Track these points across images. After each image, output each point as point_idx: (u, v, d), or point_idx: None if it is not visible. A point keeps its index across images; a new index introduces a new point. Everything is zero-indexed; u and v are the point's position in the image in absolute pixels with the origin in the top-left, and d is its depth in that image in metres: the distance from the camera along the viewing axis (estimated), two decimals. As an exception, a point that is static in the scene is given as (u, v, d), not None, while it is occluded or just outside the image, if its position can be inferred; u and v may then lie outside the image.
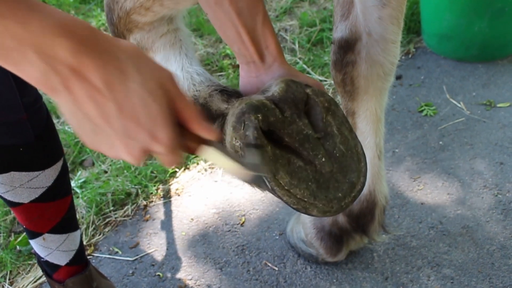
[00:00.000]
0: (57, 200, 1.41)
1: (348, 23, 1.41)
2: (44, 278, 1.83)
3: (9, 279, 1.89)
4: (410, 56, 2.75)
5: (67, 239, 1.47)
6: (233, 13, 0.97)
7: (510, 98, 2.40)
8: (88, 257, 1.87)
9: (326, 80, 2.60)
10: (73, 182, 2.20)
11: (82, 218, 2.07)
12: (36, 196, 1.36)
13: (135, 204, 2.12)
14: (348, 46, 1.42)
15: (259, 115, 0.92)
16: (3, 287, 1.87)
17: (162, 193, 2.16)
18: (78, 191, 2.16)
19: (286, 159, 0.93)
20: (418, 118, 2.36)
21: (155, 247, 1.94)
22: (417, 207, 1.96)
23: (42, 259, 1.49)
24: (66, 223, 1.46)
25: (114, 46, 0.67)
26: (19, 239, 1.98)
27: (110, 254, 1.94)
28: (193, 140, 0.76)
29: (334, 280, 1.75)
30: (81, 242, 1.53)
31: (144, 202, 2.12)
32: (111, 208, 2.10)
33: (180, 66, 1.23)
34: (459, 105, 2.41)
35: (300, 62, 2.72)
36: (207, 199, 2.11)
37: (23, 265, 1.93)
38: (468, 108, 2.38)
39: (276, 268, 1.81)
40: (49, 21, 0.61)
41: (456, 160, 2.14)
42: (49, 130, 1.35)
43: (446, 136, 2.25)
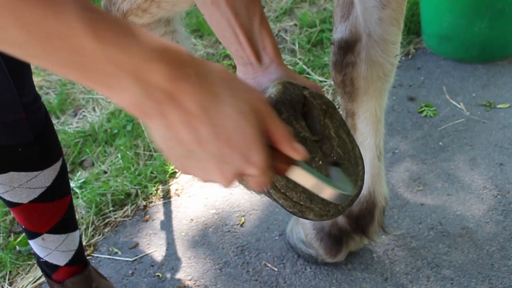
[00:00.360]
0: (56, 200, 1.40)
1: (348, 24, 1.41)
2: (43, 279, 1.83)
3: (8, 280, 1.89)
4: (410, 57, 2.75)
5: (67, 239, 1.47)
6: (230, 13, 0.97)
7: (510, 99, 2.40)
8: (88, 257, 1.87)
9: (326, 81, 2.60)
10: (72, 182, 2.20)
11: (82, 218, 2.07)
12: (35, 196, 1.36)
13: (135, 204, 2.12)
14: (348, 47, 1.42)
15: None
16: (3, 287, 1.87)
17: (162, 193, 2.16)
18: (78, 191, 2.16)
19: None
20: (418, 119, 2.36)
21: (155, 248, 1.94)
22: (416, 208, 1.96)
23: (42, 259, 1.49)
24: (66, 223, 1.46)
25: (207, 70, 0.66)
26: (19, 239, 1.98)
27: (109, 255, 1.94)
28: (281, 160, 0.75)
29: (334, 281, 1.75)
30: (80, 242, 1.53)
31: (144, 203, 2.12)
32: (111, 208, 2.10)
33: None
34: (459, 106, 2.41)
35: (300, 63, 2.72)
36: (206, 199, 2.11)
37: (22, 265, 1.93)
38: (468, 109, 2.38)
39: (276, 269, 1.81)
40: (147, 47, 0.61)
41: (456, 161, 2.13)
42: (48, 130, 1.34)
43: (446, 137, 2.25)
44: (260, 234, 1.94)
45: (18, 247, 1.98)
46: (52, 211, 1.41)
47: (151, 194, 2.15)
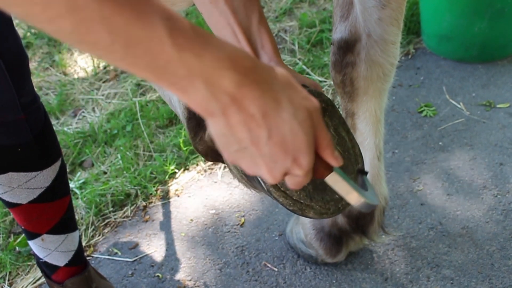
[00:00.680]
0: (55, 201, 1.40)
1: (348, 24, 1.41)
2: (43, 279, 1.83)
3: (8, 280, 1.89)
4: (409, 57, 2.75)
5: (66, 239, 1.47)
6: (228, 12, 0.97)
7: (510, 99, 2.40)
8: (88, 258, 1.87)
9: (325, 81, 2.60)
10: (72, 183, 2.20)
11: (82, 219, 2.07)
12: (35, 196, 1.36)
13: (135, 205, 2.12)
14: (348, 47, 1.42)
15: None
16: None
17: (162, 194, 2.16)
18: (78, 192, 2.15)
19: None
20: (418, 119, 2.36)
21: (155, 248, 1.94)
22: (416, 208, 1.96)
23: (41, 260, 1.49)
24: (65, 224, 1.46)
25: (271, 76, 0.71)
26: (19, 240, 1.97)
27: (109, 255, 1.94)
28: (320, 164, 0.80)
29: (334, 281, 1.75)
30: (80, 242, 1.53)
31: (144, 203, 2.12)
32: (111, 209, 2.10)
33: None
34: (459, 105, 2.41)
35: (300, 63, 2.72)
36: (206, 200, 2.11)
37: (22, 266, 1.93)
38: (467, 109, 2.38)
39: (276, 269, 1.81)
40: (220, 54, 0.66)
41: (456, 161, 2.13)
42: (47, 130, 1.34)
43: (446, 137, 2.25)
44: (260, 234, 1.94)
45: (17, 248, 1.98)
46: (52, 212, 1.41)
47: (151, 194, 2.15)
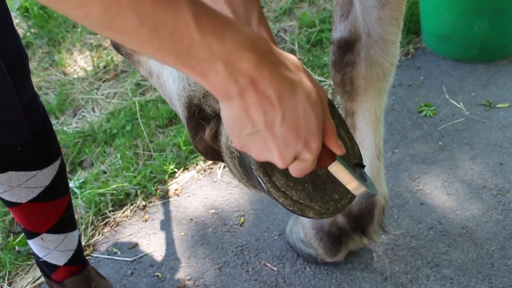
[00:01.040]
0: (55, 200, 1.40)
1: (348, 23, 1.41)
2: (43, 279, 1.83)
3: (8, 280, 1.89)
4: (409, 56, 2.75)
5: (65, 239, 1.47)
6: (228, 11, 0.97)
7: (510, 99, 2.40)
8: (87, 257, 1.87)
9: (325, 81, 2.60)
10: (72, 182, 2.20)
11: (81, 218, 2.07)
12: (34, 195, 1.36)
13: (134, 204, 2.12)
14: (348, 46, 1.42)
15: None
16: (2, 287, 1.87)
17: (161, 193, 2.16)
18: (77, 191, 2.15)
19: None
20: (418, 119, 2.36)
21: (154, 248, 1.94)
22: (416, 207, 1.96)
23: (41, 259, 1.49)
24: (64, 223, 1.46)
25: (287, 60, 0.74)
26: (18, 239, 1.97)
27: (109, 255, 1.94)
28: (324, 153, 0.82)
29: (333, 281, 1.75)
30: (79, 242, 1.53)
31: (143, 203, 2.12)
32: (110, 208, 2.10)
33: None
34: (459, 105, 2.41)
35: (300, 63, 2.71)
36: (206, 199, 2.11)
37: (22, 265, 1.93)
38: (467, 109, 2.38)
39: (275, 269, 1.81)
40: (240, 36, 0.68)
41: (456, 161, 2.13)
42: (46, 129, 1.34)
43: (446, 137, 2.25)
44: (260, 233, 1.94)
45: (17, 247, 1.98)
46: (51, 211, 1.41)
47: (151, 194, 2.15)
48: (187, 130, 1.18)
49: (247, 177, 1.00)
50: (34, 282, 1.86)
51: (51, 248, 1.46)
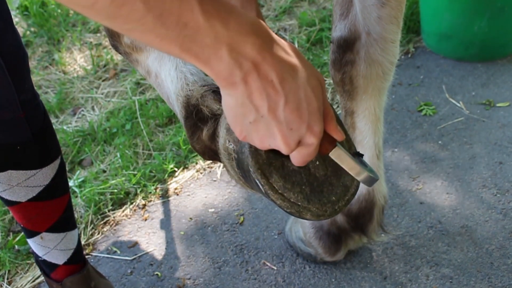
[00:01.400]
0: (54, 199, 1.40)
1: (347, 22, 1.40)
2: (42, 278, 1.83)
3: (7, 279, 1.89)
4: (409, 55, 2.75)
5: (65, 238, 1.47)
6: None
7: (510, 98, 2.40)
8: (87, 256, 1.87)
9: (325, 80, 2.59)
10: (71, 181, 2.20)
11: (81, 217, 2.06)
12: (34, 194, 1.36)
13: (134, 203, 2.12)
14: (347, 45, 1.42)
15: None
16: (2, 286, 1.87)
17: (161, 192, 2.16)
18: (77, 190, 2.15)
19: (280, 163, 0.91)
20: (418, 118, 2.36)
21: (154, 247, 1.94)
22: (416, 206, 1.96)
23: (40, 258, 1.49)
24: (64, 222, 1.46)
25: (285, 45, 0.74)
26: (18, 238, 1.97)
27: (108, 254, 1.94)
28: (324, 139, 0.82)
29: (333, 280, 1.75)
30: (79, 241, 1.53)
31: (143, 202, 2.12)
32: (110, 207, 2.10)
33: (174, 65, 1.23)
34: (459, 104, 2.40)
35: (299, 62, 2.71)
36: (206, 198, 2.11)
37: (21, 264, 1.93)
38: (467, 108, 2.38)
39: (275, 268, 1.81)
40: (243, 20, 0.69)
41: (455, 160, 2.13)
42: (46, 128, 1.34)
43: (446, 136, 2.25)
44: (259, 233, 1.94)
45: (17, 246, 1.98)
46: (51, 210, 1.41)
47: (150, 193, 2.15)
48: (185, 129, 1.18)
49: (245, 178, 1.00)
50: (34, 281, 1.86)
51: (50, 247, 1.46)
